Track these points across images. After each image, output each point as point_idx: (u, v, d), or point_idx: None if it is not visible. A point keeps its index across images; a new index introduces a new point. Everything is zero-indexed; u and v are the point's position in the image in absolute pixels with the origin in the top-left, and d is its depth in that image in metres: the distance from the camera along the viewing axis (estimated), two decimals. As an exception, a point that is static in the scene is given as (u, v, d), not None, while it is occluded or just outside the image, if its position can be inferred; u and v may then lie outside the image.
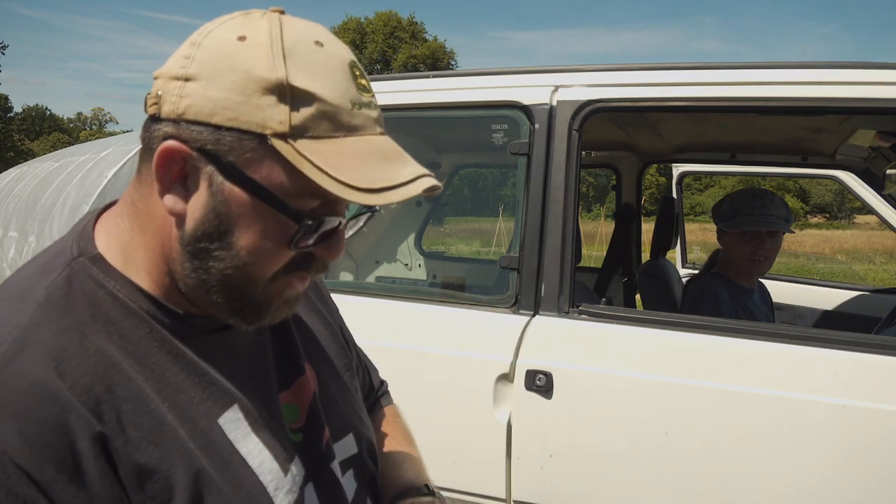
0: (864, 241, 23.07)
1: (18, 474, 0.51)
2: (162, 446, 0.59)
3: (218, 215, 0.61)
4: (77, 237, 0.67)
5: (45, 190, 7.70)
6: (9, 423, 0.52)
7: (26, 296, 0.61)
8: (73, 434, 0.54)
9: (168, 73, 0.62)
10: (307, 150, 0.59)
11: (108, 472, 0.56)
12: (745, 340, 1.40)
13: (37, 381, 0.55)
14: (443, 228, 4.36)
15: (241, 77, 0.59)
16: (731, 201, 2.29)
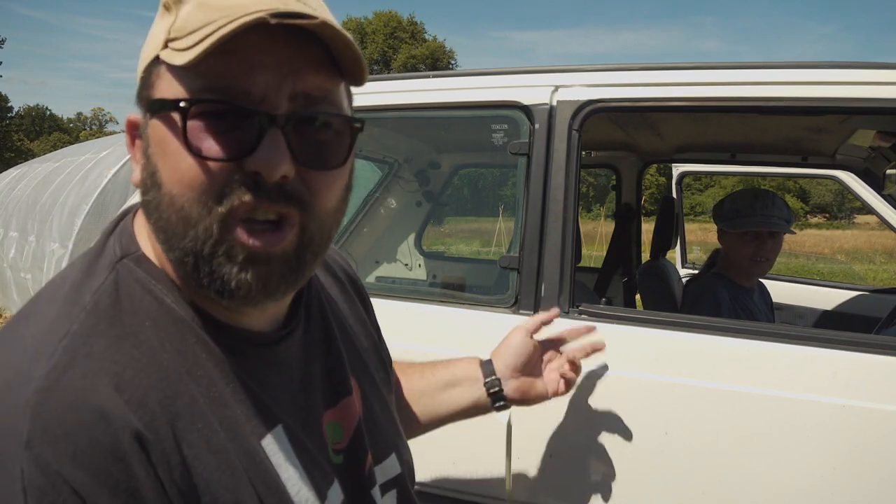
0: (864, 241, 23.07)
1: (73, 497, 0.48)
2: (213, 467, 0.56)
3: (148, 159, 0.58)
4: (119, 235, 0.63)
5: (45, 190, 7.71)
6: (63, 443, 0.49)
7: (74, 301, 0.57)
8: (129, 457, 0.51)
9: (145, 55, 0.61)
10: (181, 45, 0.55)
11: (163, 494, 0.53)
12: (745, 340, 1.40)
13: (90, 399, 0.51)
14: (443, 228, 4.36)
15: (157, 23, 0.60)
16: (733, 202, 2.29)
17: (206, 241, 0.56)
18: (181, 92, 0.55)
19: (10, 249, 7.99)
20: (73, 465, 0.49)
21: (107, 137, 13.03)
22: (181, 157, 0.55)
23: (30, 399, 0.50)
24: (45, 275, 6.11)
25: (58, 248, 5.95)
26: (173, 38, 0.56)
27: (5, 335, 0.56)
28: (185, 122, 0.54)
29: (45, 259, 6.25)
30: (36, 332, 0.55)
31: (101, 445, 0.50)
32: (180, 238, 0.57)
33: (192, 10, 0.56)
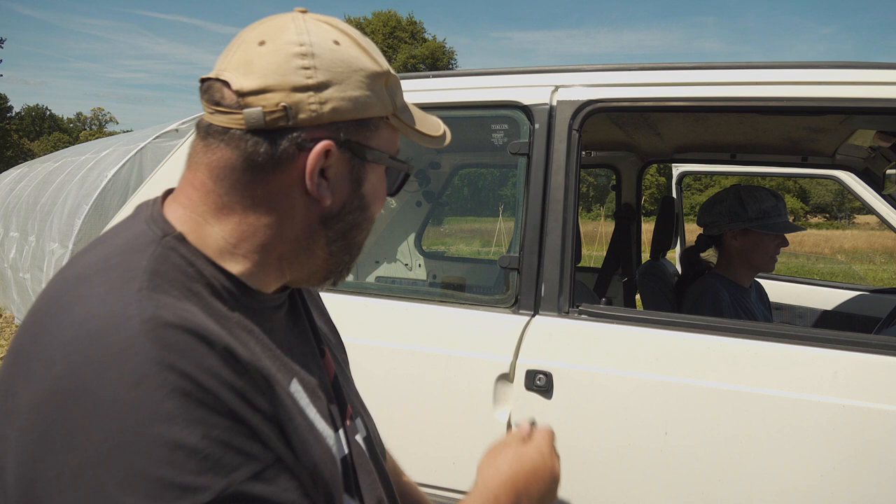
0: (864, 241, 23.07)
1: (209, 395, 0.59)
2: (273, 401, 0.66)
3: (360, 191, 0.76)
4: (150, 221, 0.72)
5: (45, 190, 7.70)
6: (188, 355, 0.59)
7: (131, 267, 0.65)
8: (238, 368, 0.63)
9: (288, 86, 0.68)
10: (405, 119, 0.78)
11: (263, 404, 0.64)
12: (745, 340, 1.40)
13: (191, 322, 0.61)
14: (443, 228, 4.36)
15: (362, 76, 0.72)
16: (756, 201, 2.26)
17: (362, 248, 0.81)
18: (395, 152, 0.79)
19: (10, 249, 7.99)
20: (202, 372, 0.59)
21: (107, 137, 13.04)
22: (382, 197, 0.80)
23: (141, 329, 0.58)
24: (44, 275, 6.10)
25: (58, 247, 5.95)
26: (399, 108, 0.78)
27: (66, 303, 0.62)
28: (404, 178, 0.85)
29: (45, 259, 6.24)
30: (104, 290, 0.62)
31: (216, 356, 0.61)
32: (359, 244, 0.79)
33: (401, 98, 0.80)
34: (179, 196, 0.75)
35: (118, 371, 0.57)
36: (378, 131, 0.75)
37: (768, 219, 2.24)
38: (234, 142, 0.70)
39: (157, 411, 0.56)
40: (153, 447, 0.55)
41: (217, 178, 0.72)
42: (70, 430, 0.56)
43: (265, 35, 0.71)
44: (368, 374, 1.66)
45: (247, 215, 0.72)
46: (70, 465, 0.55)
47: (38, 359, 0.59)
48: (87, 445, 0.55)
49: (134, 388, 0.56)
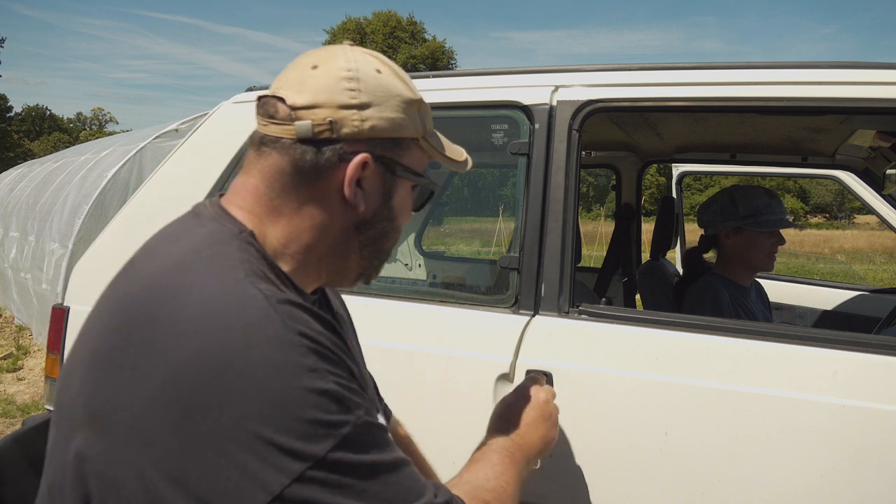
0: (864, 241, 23.07)
1: (330, 353, 0.72)
2: (353, 361, 0.80)
3: (390, 203, 0.87)
4: (221, 219, 0.81)
5: (45, 190, 7.70)
6: (308, 322, 0.72)
7: (228, 257, 0.75)
8: (339, 336, 0.79)
9: (335, 104, 0.80)
10: (434, 143, 0.91)
11: (356, 374, 0.78)
12: (745, 340, 1.40)
13: (296, 301, 0.74)
14: (443, 228, 4.36)
15: (399, 101, 0.84)
16: (748, 199, 2.27)
17: (390, 255, 0.94)
18: (421, 172, 0.90)
19: (10, 249, 7.99)
20: (319, 334, 0.72)
21: (107, 137, 13.03)
22: (409, 211, 0.93)
23: (268, 303, 0.70)
24: (44, 275, 6.10)
25: (58, 248, 5.95)
26: (429, 133, 0.91)
27: (179, 286, 0.71)
28: (429, 196, 0.97)
29: (45, 259, 6.24)
30: (215, 275, 0.72)
31: (318, 323, 0.74)
32: (387, 251, 0.91)
33: (431, 124, 0.93)
34: (235, 198, 0.84)
35: (262, 336, 0.67)
36: (409, 151, 0.87)
37: (760, 216, 2.24)
38: (285, 150, 0.81)
39: (301, 366, 0.68)
40: (303, 395, 0.66)
41: (268, 182, 0.82)
42: (223, 390, 0.64)
43: (318, 61, 0.83)
44: (368, 374, 1.65)
45: (293, 218, 0.82)
46: (227, 418, 0.64)
47: (167, 335, 0.67)
48: (244, 400, 0.64)
49: (279, 349, 0.67)
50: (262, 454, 0.64)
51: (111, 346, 0.70)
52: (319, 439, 0.66)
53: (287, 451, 0.65)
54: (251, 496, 0.64)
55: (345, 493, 0.67)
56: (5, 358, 5.85)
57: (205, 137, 1.97)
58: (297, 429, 0.65)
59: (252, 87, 2.02)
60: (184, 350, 0.66)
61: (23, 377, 5.42)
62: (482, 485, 0.93)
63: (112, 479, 0.67)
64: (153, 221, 1.02)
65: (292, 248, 0.82)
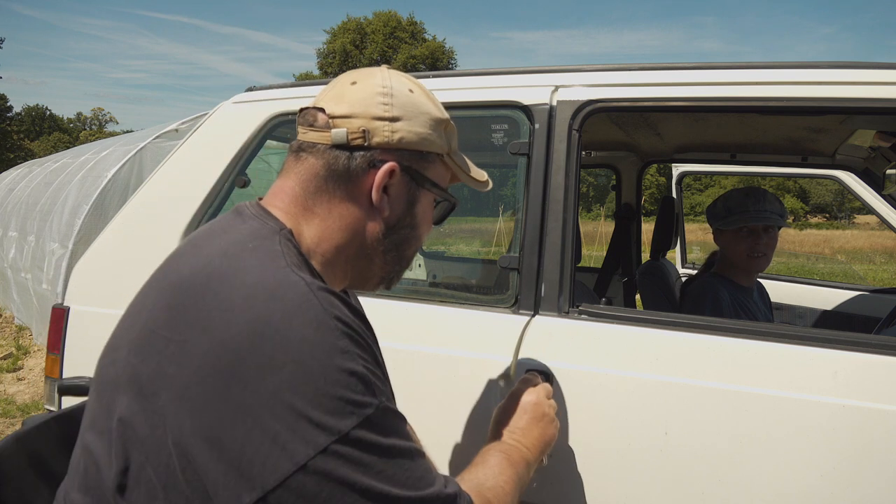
0: (864, 241, 23.07)
1: (358, 337, 0.77)
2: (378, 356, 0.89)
3: (413, 211, 0.95)
4: (263, 217, 0.88)
5: (45, 190, 7.70)
6: (341, 308, 0.78)
7: (270, 250, 0.81)
8: (366, 325, 0.89)
9: (368, 115, 0.89)
10: (458, 161, 1.00)
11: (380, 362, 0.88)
12: (745, 340, 1.40)
13: (331, 290, 0.79)
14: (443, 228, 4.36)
15: (427, 118, 0.93)
16: (725, 201, 2.30)
17: (411, 262, 1.03)
18: (445, 187, 0.99)
19: (10, 249, 7.99)
20: (351, 320, 0.77)
21: (107, 138, 13.03)
22: (431, 223, 1.01)
23: (308, 289, 0.76)
24: (44, 274, 6.10)
25: (58, 248, 5.95)
26: (453, 152, 1.00)
27: (228, 271, 0.77)
28: (449, 211, 1.05)
29: (45, 259, 6.24)
30: (259, 263, 0.79)
31: (353, 312, 0.79)
32: (408, 258, 1.00)
33: (456, 144, 1.03)
34: (274, 200, 0.91)
35: (302, 317, 0.73)
36: (434, 165, 0.96)
37: (732, 215, 2.25)
38: (320, 154, 0.89)
39: (335, 347, 0.73)
40: (335, 373, 0.72)
41: (304, 184, 0.90)
42: (264, 362, 0.70)
43: (357, 78, 0.93)
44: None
45: (325, 218, 0.89)
46: (265, 388, 0.69)
47: (215, 312, 0.73)
48: (282, 373, 0.70)
49: (317, 330, 0.73)
50: (293, 425, 0.69)
51: (161, 323, 0.76)
52: (345, 416, 0.71)
53: (316, 424, 0.69)
54: (279, 464, 0.68)
55: (364, 470, 0.71)
56: (5, 358, 5.85)
57: (205, 137, 1.97)
58: (326, 404, 0.70)
59: (252, 87, 2.01)
60: (230, 326, 0.71)
61: (23, 377, 5.43)
62: (482, 483, 0.96)
63: (153, 444, 0.72)
64: (153, 221, 1.03)
65: (323, 247, 0.89)
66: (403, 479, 0.75)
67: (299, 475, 0.68)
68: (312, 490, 0.69)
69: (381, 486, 0.72)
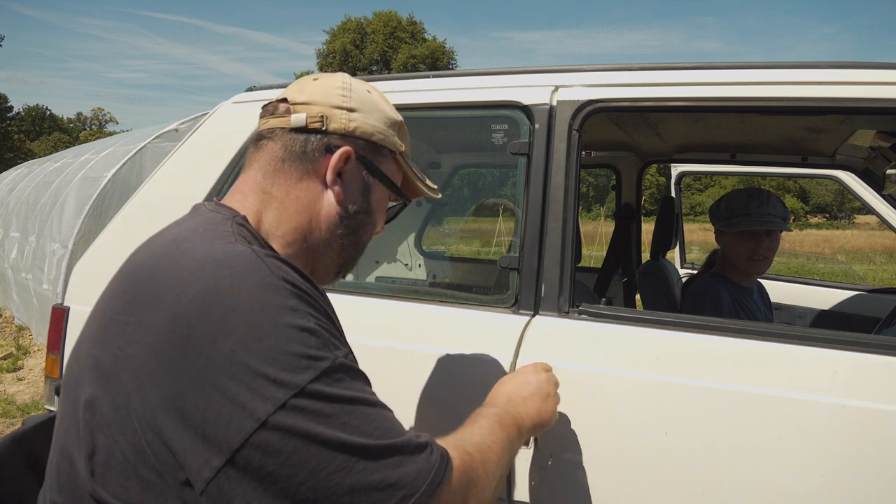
0: (864, 241, 23.07)
1: (313, 304, 0.80)
2: None
3: (368, 198, 0.99)
4: (215, 209, 0.91)
5: (45, 190, 7.70)
6: (298, 281, 0.79)
7: (220, 231, 0.84)
8: (325, 296, 0.86)
9: (328, 103, 0.95)
10: (409, 162, 1.06)
11: None
12: (745, 340, 1.40)
13: (291, 266, 0.81)
14: (443, 228, 4.36)
15: (382, 115, 0.99)
16: (728, 202, 2.30)
17: (363, 250, 1.05)
18: (396, 183, 1.04)
19: (11, 250, 7.99)
20: (301, 283, 0.79)
21: (107, 137, 13.03)
22: (384, 215, 1.05)
23: (256, 256, 0.78)
24: (45, 275, 6.10)
25: (58, 248, 5.95)
26: (405, 154, 1.05)
27: (177, 253, 0.79)
28: (402, 207, 1.11)
29: (45, 259, 6.24)
30: (209, 241, 0.81)
31: (302, 277, 0.81)
32: (364, 243, 1.02)
33: (408, 149, 1.08)
34: (233, 195, 0.95)
35: (251, 280, 0.75)
36: (387, 160, 1.01)
37: (734, 217, 2.24)
38: (279, 137, 0.94)
39: (285, 305, 0.75)
40: (286, 330, 0.73)
41: (263, 168, 0.94)
42: (215, 327, 0.71)
43: (319, 77, 0.99)
44: (368, 375, 1.65)
45: (283, 201, 0.92)
46: (219, 352, 0.70)
47: (166, 288, 0.75)
48: (234, 335, 0.71)
49: (265, 291, 0.75)
50: (251, 384, 0.70)
51: (117, 309, 0.78)
52: (301, 370, 0.72)
53: (272, 381, 0.70)
54: (241, 424, 0.69)
55: (326, 422, 0.72)
56: (5, 358, 5.85)
57: (205, 137, 1.97)
58: (280, 360, 0.71)
59: (252, 87, 2.02)
60: (181, 298, 0.73)
61: (23, 377, 5.43)
62: (467, 438, 0.94)
63: (118, 425, 0.74)
64: (153, 221, 1.03)
65: (283, 229, 0.92)
66: (369, 429, 0.75)
67: (262, 432, 0.69)
68: (277, 445, 0.70)
69: (345, 436, 0.72)
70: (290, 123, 0.93)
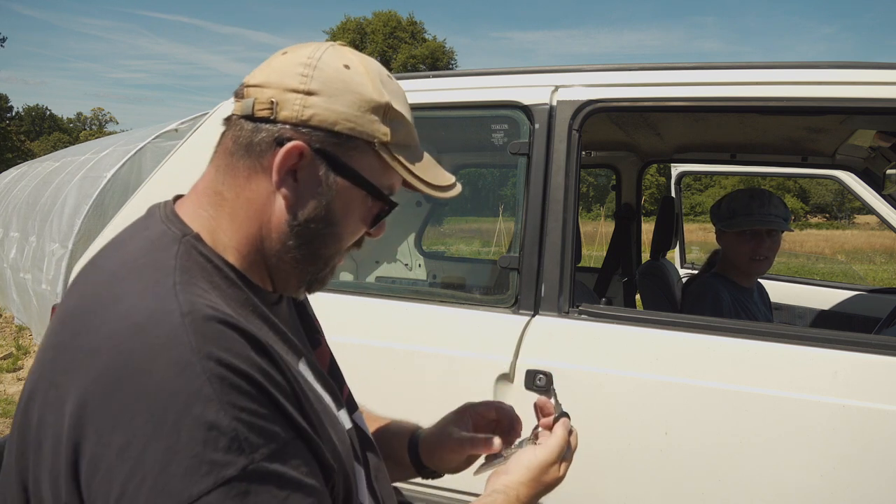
0: (864, 241, 23.07)
1: (240, 377, 0.65)
2: (290, 377, 0.72)
3: (328, 204, 0.79)
4: (167, 221, 0.78)
5: (45, 190, 7.70)
6: (220, 342, 0.66)
7: (161, 265, 0.72)
8: (264, 352, 0.70)
9: (282, 86, 0.76)
10: (399, 155, 0.81)
11: (288, 383, 0.71)
12: (745, 340, 1.40)
13: (223, 314, 0.68)
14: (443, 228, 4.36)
15: (356, 97, 0.78)
16: (730, 202, 2.30)
17: (335, 264, 0.85)
18: (381, 183, 0.81)
19: (10, 250, 7.99)
20: (234, 357, 0.65)
21: (107, 137, 13.04)
22: (360, 223, 0.82)
23: (182, 321, 0.65)
24: (44, 275, 6.10)
25: (58, 248, 5.95)
26: (394, 144, 0.80)
27: (105, 301, 0.69)
28: (383, 213, 0.83)
29: (45, 259, 6.24)
30: (141, 288, 0.69)
31: (244, 343, 0.68)
32: (327, 258, 0.82)
33: (405, 137, 0.83)
34: (190, 195, 0.83)
35: (165, 359, 0.63)
36: (362, 155, 0.79)
37: (735, 217, 2.24)
38: (231, 126, 0.79)
39: (198, 395, 0.62)
40: (192, 427, 0.62)
41: (216, 163, 0.81)
42: (116, 413, 0.62)
43: (291, 50, 0.81)
44: (368, 374, 1.65)
45: (234, 204, 0.78)
46: (115, 443, 0.61)
47: (83, 351, 0.66)
48: (132, 426, 0.62)
49: (179, 374, 0.63)
50: (136, 489, 0.61)
51: (47, 365, 0.69)
52: (198, 478, 0.61)
53: (159, 490, 0.60)
54: None
55: None
56: (5, 358, 5.85)
57: (205, 137, 1.97)
58: (176, 463, 0.61)
59: (252, 87, 2.01)
60: (89, 374, 0.64)
61: (23, 377, 5.43)
62: None
63: (38, 496, 0.67)
64: (153, 221, 1.03)
65: (237, 239, 0.78)
66: None
67: None
68: None
69: None
70: (240, 110, 0.78)
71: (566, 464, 0.99)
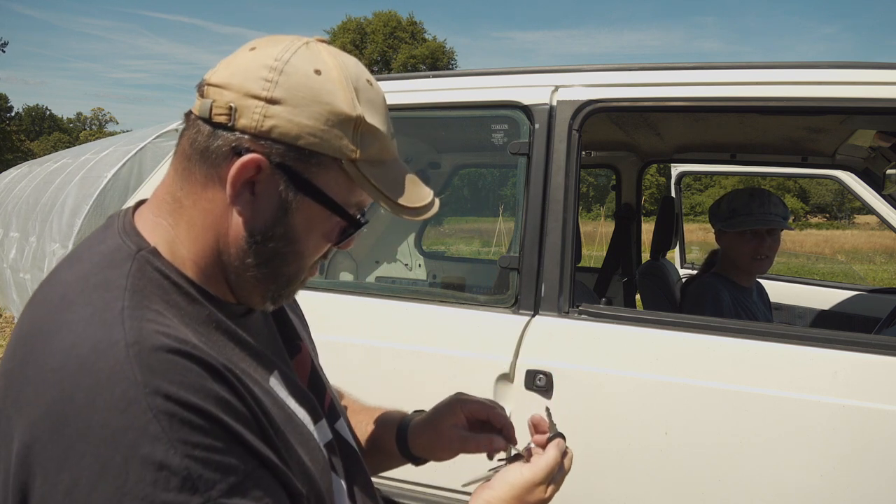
0: (864, 241, 23.07)
1: (191, 413, 0.61)
2: (253, 401, 0.68)
3: (287, 221, 0.73)
4: (123, 234, 0.73)
5: (45, 190, 7.70)
6: (169, 376, 0.61)
7: (111, 286, 0.67)
8: (222, 379, 0.65)
9: (243, 90, 0.69)
10: (368, 173, 0.74)
11: (250, 409, 0.68)
12: (745, 340, 1.40)
13: (173, 342, 0.63)
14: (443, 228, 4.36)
15: (325, 109, 0.71)
16: (730, 201, 2.30)
17: (301, 279, 0.79)
18: (346, 201, 0.75)
19: (10, 250, 7.99)
20: (184, 390, 0.61)
21: (107, 137, 13.03)
22: (323, 240, 0.77)
23: (127, 353, 0.61)
24: (44, 275, 6.10)
25: (58, 248, 5.95)
26: (364, 161, 0.73)
27: (53, 328, 0.65)
28: (349, 231, 0.77)
29: (45, 259, 6.24)
30: (88, 314, 0.64)
31: (198, 372, 0.63)
32: (286, 279, 0.77)
33: (377, 153, 0.75)
34: (152, 199, 0.77)
35: (108, 396, 0.59)
36: (327, 171, 0.72)
37: (736, 217, 2.25)
38: (190, 125, 0.73)
39: (144, 434, 0.59)
40: (140, 468, 0.58)
41: (175, 167, 0.75)
42: (62, 452, 0.59)
43: (259, 45, 0.73)
44: (368, 374, 1.66)
45: (191, 212, 0.73)
46: (62, 484, 0.58)
47: (30, 384, 0.62)
48: (79, 466, 0.58)
49: (122, 413, 0.59)
50: None
51: (2, 386, 0.66)
52: None
53: None
54: None
55: None
56: (5, 358, 5.85)
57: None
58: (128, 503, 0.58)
59: (252, 88, 2.01)
60: (36, 409, 0.61)
61: (23, 377, 5.42)
62: None
63: None
64: (153, 221, 1.03)
65: (194, 251, 0.73)
66: None
67: None
68: None
69: None
70: (197, 109, 0.72)
71: (554, 487, 0.92)
